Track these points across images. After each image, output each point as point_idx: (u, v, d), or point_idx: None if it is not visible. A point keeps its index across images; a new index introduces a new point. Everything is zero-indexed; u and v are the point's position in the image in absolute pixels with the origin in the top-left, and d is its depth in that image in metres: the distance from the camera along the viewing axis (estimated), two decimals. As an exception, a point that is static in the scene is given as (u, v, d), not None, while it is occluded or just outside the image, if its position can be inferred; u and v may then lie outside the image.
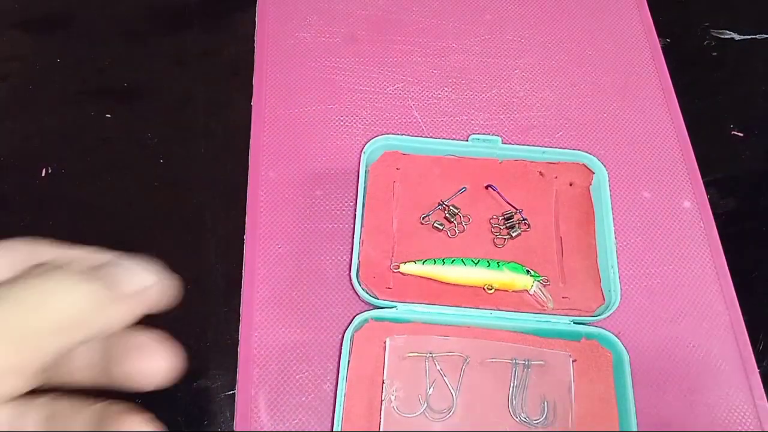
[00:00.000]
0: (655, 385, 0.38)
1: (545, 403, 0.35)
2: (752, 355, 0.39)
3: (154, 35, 0.52)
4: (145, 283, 0.24)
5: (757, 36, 0.52)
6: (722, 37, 0.52)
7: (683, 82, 0.49)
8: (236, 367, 0.38)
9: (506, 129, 0.47)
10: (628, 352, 0.35)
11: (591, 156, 0.41)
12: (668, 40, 0.52)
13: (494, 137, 0.41)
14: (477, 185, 0.41)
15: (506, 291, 0.37)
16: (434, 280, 0.38)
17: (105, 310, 0.23)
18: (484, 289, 0.37)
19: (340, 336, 0.37)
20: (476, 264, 0.37)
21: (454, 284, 0.37)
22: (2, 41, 0.51)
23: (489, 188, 0.41)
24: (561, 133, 0.47)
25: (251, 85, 0.48)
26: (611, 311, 0.36)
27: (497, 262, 0.38)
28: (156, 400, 0.25)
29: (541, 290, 0.37)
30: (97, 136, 0.47)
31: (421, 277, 0.38)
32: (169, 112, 0.48)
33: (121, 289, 0.23)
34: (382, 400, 0.34)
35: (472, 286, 0.37)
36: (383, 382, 0.35)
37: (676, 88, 0.49)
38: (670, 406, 0.37)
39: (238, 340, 0.39)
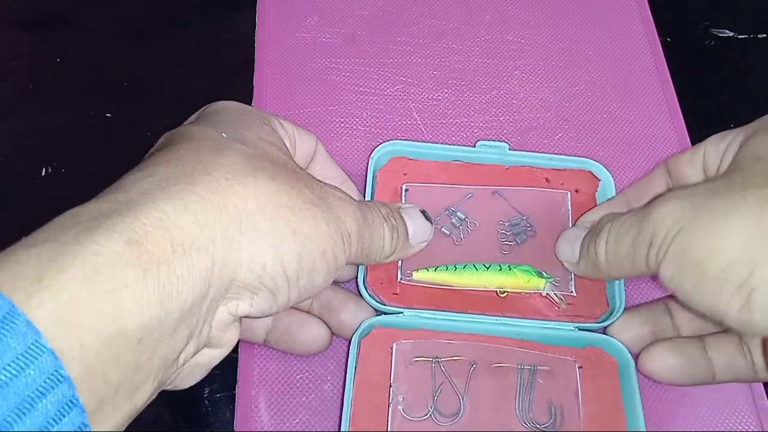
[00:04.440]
0: (654, 385, 0.38)
1: (553, 408, 0.35)
2: (752, 356, 0.39)
3: (154, 35, 0.52)
4: (426, 238, 0.36)
5: (757, 35, 0.52)
6: (722, 36, 0.52)
7: (684, 82, 0.49)
8: (236, 367, 0.38)
9: (506, 131, 0.47)
10: (633, 358, 0.35)
11: (597, 163, 0.41)
12: (669, 39, 0.52)
13: (502, 143, 0.41)
14: (484, 191, 0.41)
15: (519, 294, 0.37)
16: (445, 286, 0.38)
17: (399, 250, 0.34)
18: (496, 293, 0.37)
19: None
20: (488, 269, 0.37)
21: (466, 290, 0.37)
22: (2, 41, 0.51)
23: (496, 194, 0.41)
24: (561, 134, 0.47)
25: (251, 85, 0.48)
26: (616, 318, 0.36)
27: (509, 266, 0.38)
28: (156, 399, 0.25)
29: (553, 291, 0.37)
30: (97, 135, 0.47)
31: (432, 283, 0.38)
32: (169, 112, 0.47)
33: (412, 240, 0.35)
34: (389, 403, 0.35)
35: (478, 292, 0.38)
36: (390, 386, 0.35)
37: (677, 88, 0.49)
38: (670, 406, 0.37)
39: (238, 340, 0.39)
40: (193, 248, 0.23)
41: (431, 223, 0.36)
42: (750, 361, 0.33)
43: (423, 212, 0.36)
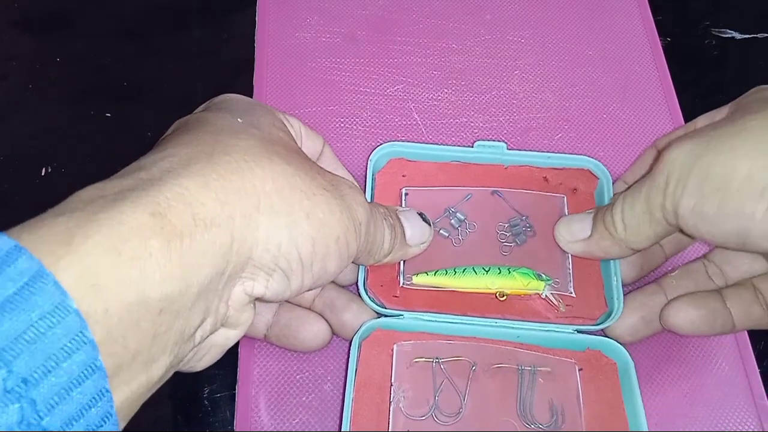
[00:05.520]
0: (654, 385, 0.38)
1: (554, 408, 0.35)
2: (752, 355, 0.39)
3: (154, 35, 0.52)
4: (424, 240, 0.36)
5: (758, 35, 0.52)
6: (723, 36, 0.52)
7: (684, 82, 0.49)
8: (236, 367, 0.38)
9: (506, 131, 0.47)
10: (633, 360, 0.35)
11: (596, 161, 0.41)
12: (669, 39, 0.52)
13: (500, 143, 0.41)
14: (483, 191, 0.41)
15: (519, 296, 0.37)
16: (446, 289, 0.38)
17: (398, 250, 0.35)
18: (496, 296, 0.37)
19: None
20: (487, 272, 0.37)
21: (465, 292, 0.37)
22: (2, 41, 0.51)
23: (495, 194, 0.41)
24: (561, 134, 0.47)
25: (251, 85, 0.48)
26: (614, 319, 0.36)
27: (508, 269, 0.38)
28: (156, 399, 0.25)
29: (552, 294, 0.37)
30: (97, 135, 0.47)
31: (432, 286, 0.38)
32: (169, 112, 0.47)
33: (409, 241, 0.35)
34: (390, 403, 0.35)
35: (478, 295, 0.37)
36: (391, 386, 0.35)
37: (677, 88, 0.49)
38: (670, 406, 0.37)
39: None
40: (214, 224, 0.23)
41: (429, 224, 0.36)
42: (766, 308, 0.34)
43: (420, 214, 0.36)
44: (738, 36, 0.52)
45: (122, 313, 0.20)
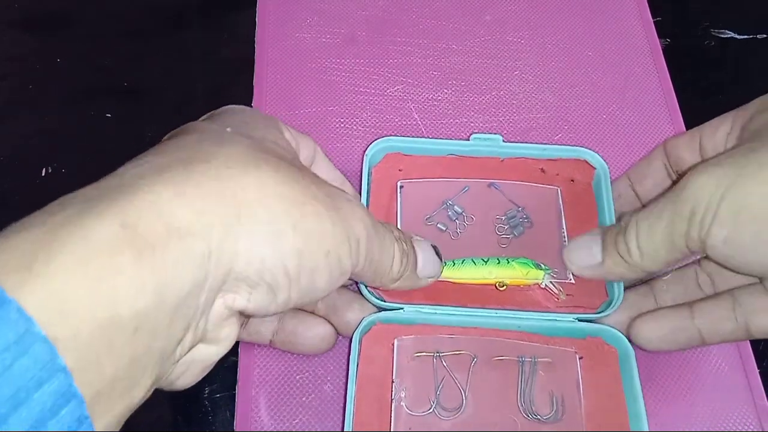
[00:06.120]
0: (654, 386, 0.38)
1: (554, 399, 0.35)
2: (752, 355, 0.39)
3: (154, 35, 0.52)
4: (434, 274, 0.35)
5: (757, 36, 0.52)
6: (722, 37, 0.52)
7: (684, 82, 0.49)
8: (236, 368, 0.38)
9: (505, 131, 0.46)
10: (634, 348, 0.35)
11: (592, 152, 0.41)
12: (668, 40, 0.52)
13: (495, 136, 0.41)
14: (479, 184, 0.41)
15: (518, 286, 0.38)
16: (445, 281, 0.38)
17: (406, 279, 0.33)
18: (496, 286, 0.37)
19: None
20: (486, 262, 0.38)
21: (465, 284, 0.37)
22: (2, 41, 0.51)
23: (492, 187, 0.41)
24: (560, 135, 0.47)
25: (251, 85, 0.48)
26: (615, 308, 0.36)
27: (507, 259, 0.38)
28: (156, 399, 0.25)
29: (552, 282, 0.37)
30: (97, 135, 0.47)
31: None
32: (169, 112, 0.48)
33: (420, 272, 0.34)
34: (392, 399, 0.35)
35: (477, 286, 0.38)
36: (392, 382, 0.35)
37: (676, 89, 0.49)
38: (669, 405, 0.37)
39: (238, 341, 0.39)
40: (189, 233, 0.22)
41: (441, 259, 0.35)
42: (743, 324, 0.33)
43: (434, 247, 0.35)
44: (738, 36, 0.52)
45: (94, 335, 0.19)
